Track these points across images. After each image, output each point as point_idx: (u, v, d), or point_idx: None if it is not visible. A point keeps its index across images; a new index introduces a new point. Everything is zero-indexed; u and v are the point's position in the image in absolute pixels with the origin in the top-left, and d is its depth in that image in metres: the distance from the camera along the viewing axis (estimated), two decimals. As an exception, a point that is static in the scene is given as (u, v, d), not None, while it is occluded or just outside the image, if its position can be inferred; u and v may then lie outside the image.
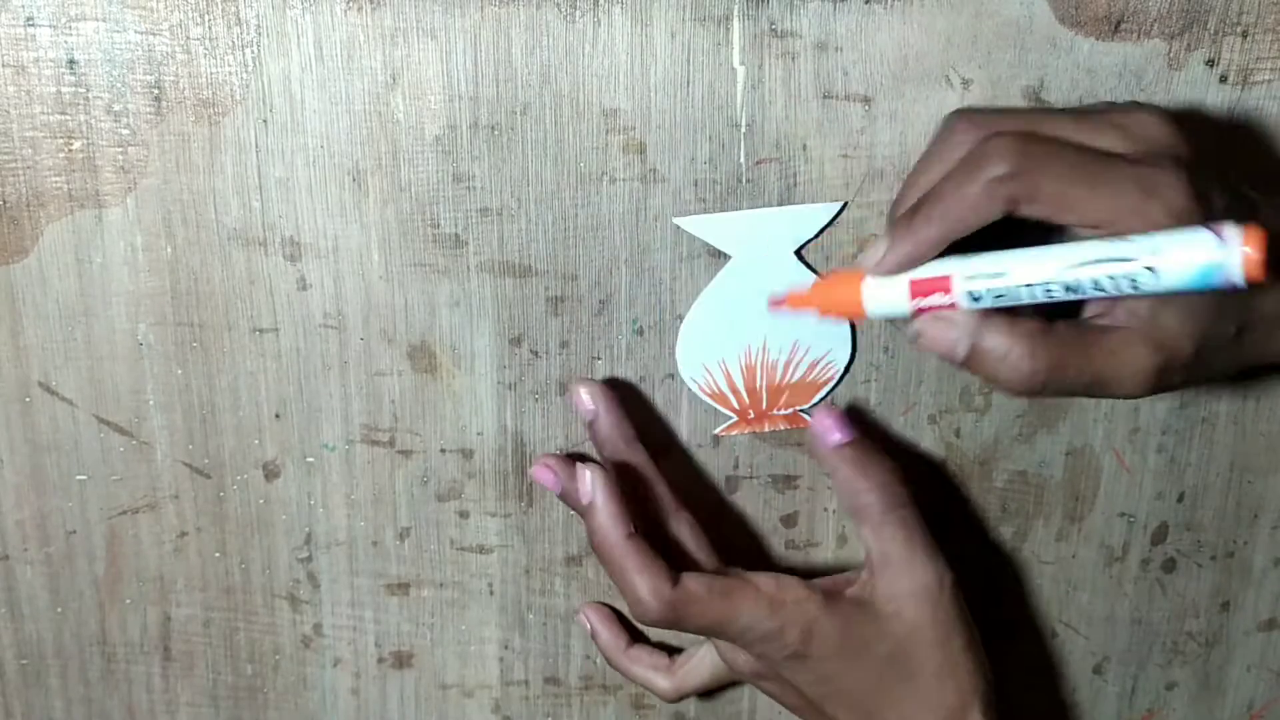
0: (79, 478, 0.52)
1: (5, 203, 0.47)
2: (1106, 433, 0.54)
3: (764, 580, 0.47)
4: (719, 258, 0.50)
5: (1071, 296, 0.40)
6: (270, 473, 0.52)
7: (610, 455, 0.50)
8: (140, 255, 0.49)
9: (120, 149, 0.47)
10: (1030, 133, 0.41)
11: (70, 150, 0.47)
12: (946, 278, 0.41)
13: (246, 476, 0.52)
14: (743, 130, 0.48)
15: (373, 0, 0.46)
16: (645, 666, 0.54)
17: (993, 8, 0.47)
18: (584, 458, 0.50)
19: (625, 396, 0.51)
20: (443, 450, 0.52)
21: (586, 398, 0.50)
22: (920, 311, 0.42)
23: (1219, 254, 0.37)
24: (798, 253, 0.49)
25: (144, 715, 0.56)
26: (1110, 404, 0.54)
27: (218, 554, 0.54)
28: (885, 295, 0.42)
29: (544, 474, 0.49)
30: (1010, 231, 0.41)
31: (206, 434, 0.52)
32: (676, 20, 0.47)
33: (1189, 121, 0.46)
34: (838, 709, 0.48)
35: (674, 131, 0.48)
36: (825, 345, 0.51)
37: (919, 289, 0.41)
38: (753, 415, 0.52)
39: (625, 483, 0.48)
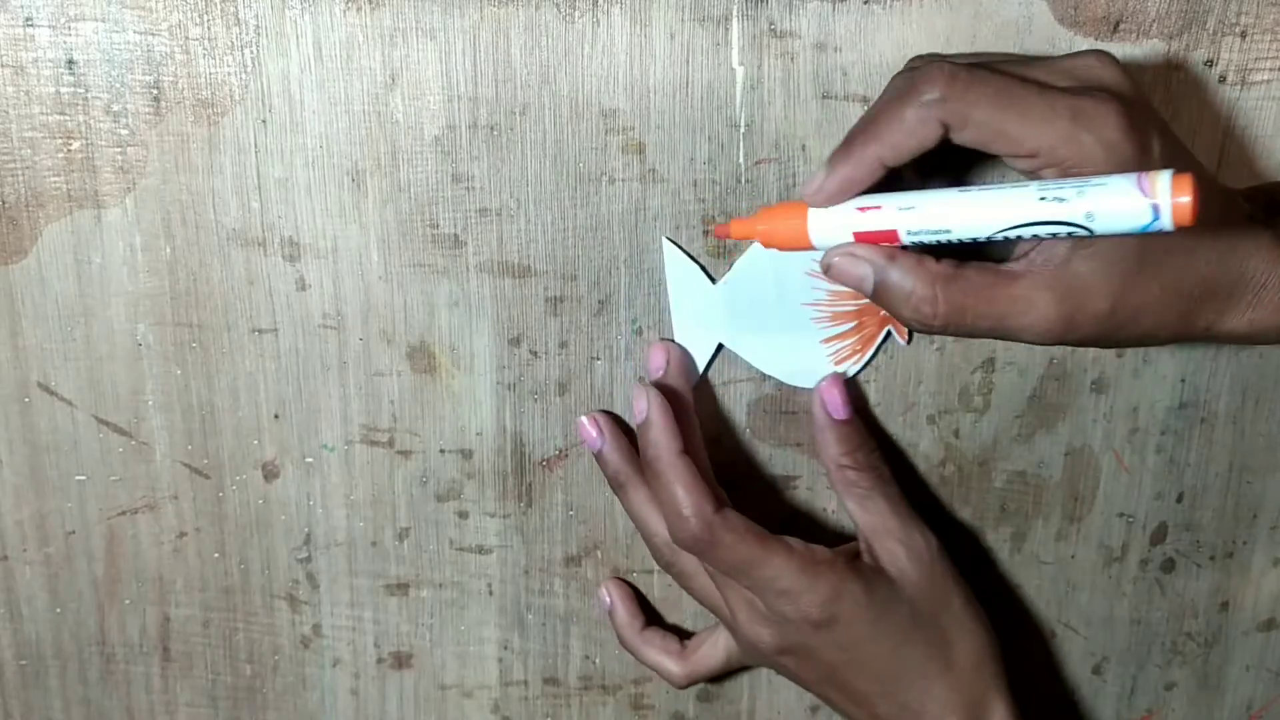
0: (78, 478, 0.52)
1: (4, 203, 0.47)
2: (1105, 433, 0.54)
3: (797, 543, 0.48)
4: (717, 258, 0.50)
5: (1013, 241, 0.40)
6: (269, 473, 0.52)
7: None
8: (139, 256, 0.49)
9: (119, 149, 0.47)
10: (968, 64, 0.41)
11: (69, 150, 0.47)
12: (893, 232, 0.41)
13: (245, 477, 0.52)
14: (742, 130, 0.48)
15: (372, 1, 0.46)
16: (658, 650, 0.54)
17: (992, 8, 0.47)
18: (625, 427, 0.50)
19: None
20: (442, 450, 0.52)
21: (660, 354, 0.50)
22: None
23: (1149, 201, 0.37)
24: None
25: (143, 715, 0.56)
26: (1110, 404, 0.54)
27: (217, 554, 0.54)
28: (831, 236, 0.42)
29: (589, 427, 0.50)
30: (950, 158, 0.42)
31: (205, 434, 0.52)
32: (675, 21, 0.47)
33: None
34: (858, 676, 0.49)
35: (673, 132, 0.48)
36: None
37: (863, 239, 0.42)
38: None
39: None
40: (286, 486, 0.53)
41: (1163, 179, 0.37)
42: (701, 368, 0.51)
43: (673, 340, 0.50)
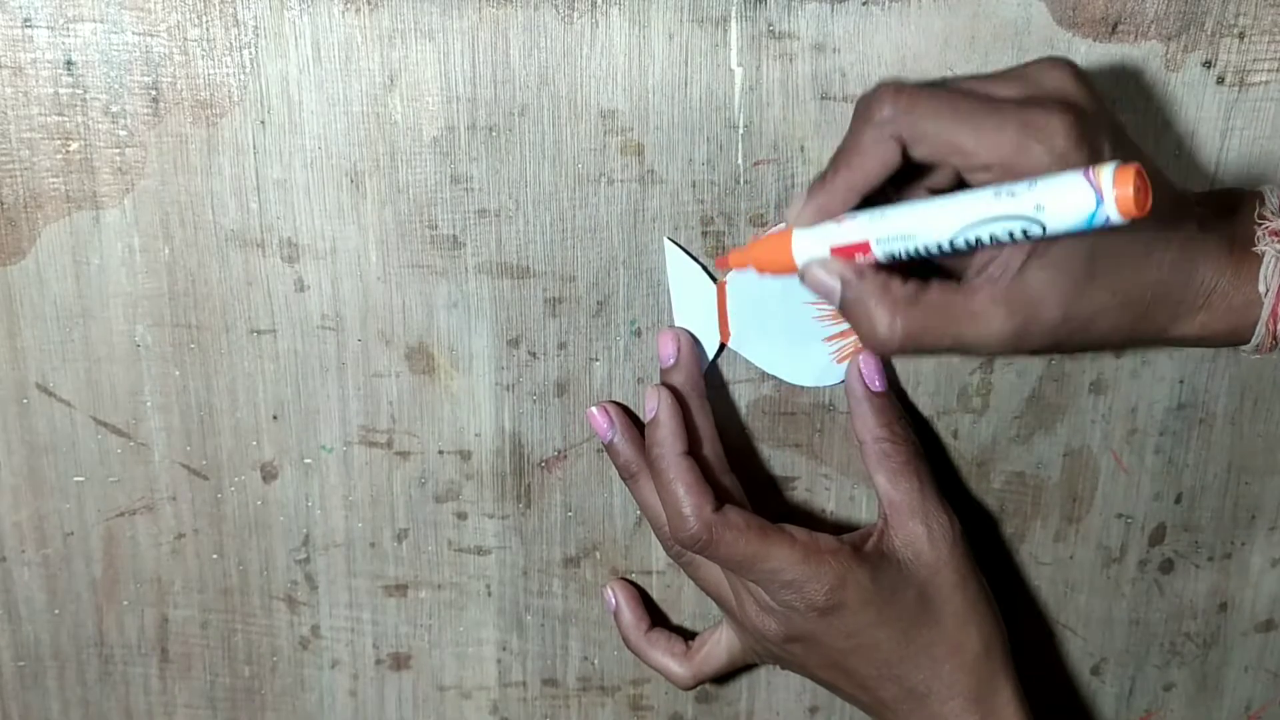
0: (76, 479, 0.52)
1: (3, 204, 0.47)
2: (1104, 434, 0.54)
3: (799, 532, 0.48)
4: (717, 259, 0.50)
5: (976, 245, 0.41)
6: (268, 474, 0.52)
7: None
8: (138, 256, 0.49)
9: (118, 150, 0.47)
10: (919, 82, 0.42)
11: (68, 151, 0.47)
12: (865, 243, 0.42)
13: (244, 478, 0.52)
14: (740, 131, 0.48)
15: (370, 1, 0.46)
16: (662, 652, 0.54)
17: (990, 9, 0.47)
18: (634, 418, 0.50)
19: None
20: (440, 451, 0.52)
21: (670, 342, 0.50)
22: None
23: (1094, 195, 0.37)
24: None
25: (141, 717, 0.56)
26: (1109, 405, 0.54)
27: (215, 555, 0.53)
28: (812, 253, 0.44)
29: (600, 418, 0.51)
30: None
31: (204, 435, 0.51)
32: (674, 22, 0.47)
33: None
34: (862, 663, 0.49)
35: (672, 133, 0.48)
36: None
37: (841, 254, 0.43)
38: None
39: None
40: (285, 487, 0.53)
41: (1107, 170, 0.37)
42: (703, 368, 0.51)
43: (680, 328, 0.50)
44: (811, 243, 0.43)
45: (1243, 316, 0.45)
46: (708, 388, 0.50)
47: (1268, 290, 0.45)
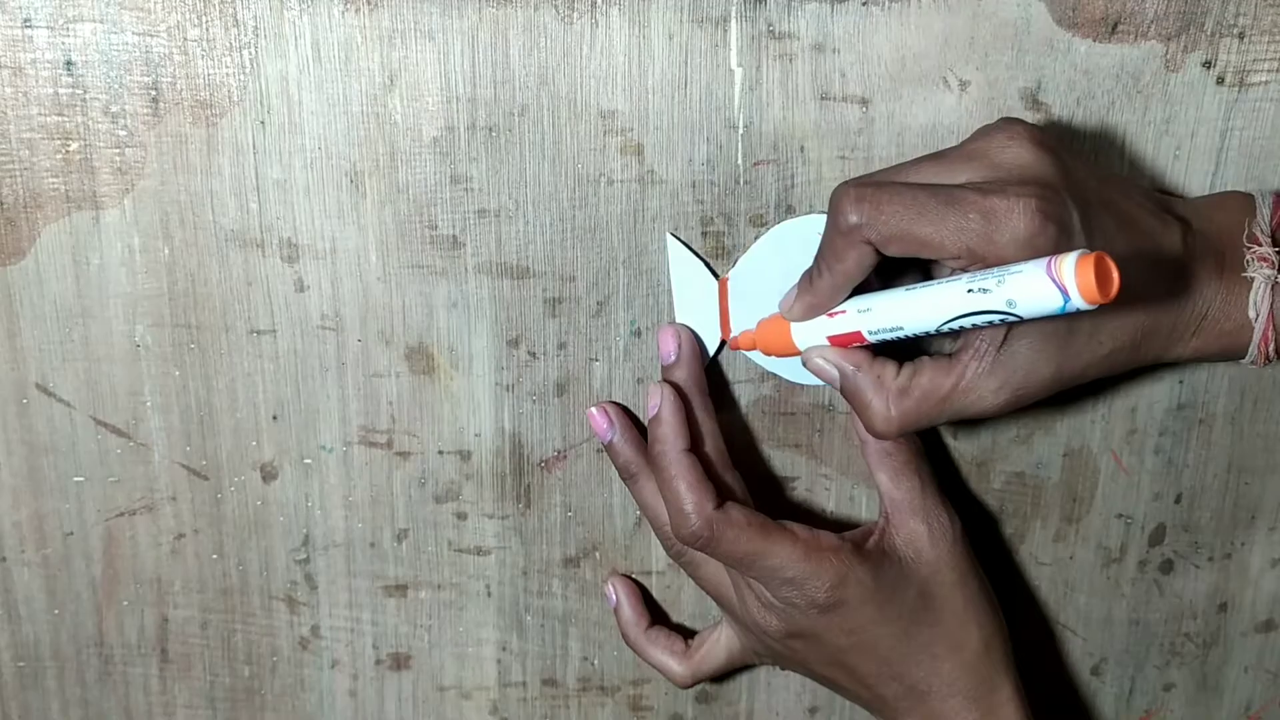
0: (76, 479, 0.52)
1: (2, 204, 0.47)
2: (1104, 434, 0.54)
3: (801, 529, 0.48)
4: (717, 258, 0.50)
5: (960, 330, 0.43)
6: (268, 474, 0.52)
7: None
8: (137, 257, 0.49)
9: (118, 150, 0.47)
10: (875, 181, 0.43)
11: (67, 151, 0.47)
12: (857, 333, 0.45)
13: (244, 478, 0.52)
14: (740, 132, 0.48)
15: (370, 1, 0.46)
16: (661, 649, 0.54)
17: (990, 9, 0.47)
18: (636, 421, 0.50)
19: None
20: (440, 452, 0.52)
21: (670, 339, 0.50)
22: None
23: (1059, 291, 0.38)
24: None
25: (141, 717, 0.56)
26: (1108, 405, 0.54)
27: (215, 556, 0.53)
28: (811, 341, 0.47)
29: (599, 418, 0.51)
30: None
31: (204, 435, 0.51)
32: (674, 22, 0.47)
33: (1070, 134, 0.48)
34: (863, 660, 0.49)
35: (671, 133, 0.48)
36: None
37: (837, 341, 0.46)
38: None
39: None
40: (285, 488, 0.53)
41: (1068, 263, 0.38)
42: (704, 365, 0.51)
43: (681, 324, 0.50)
44: (809, 331, 0.47)
45: (1235, 339, 0.46)
46: (708, 385, 0.50)
47: (1258, 315, 0.46)
